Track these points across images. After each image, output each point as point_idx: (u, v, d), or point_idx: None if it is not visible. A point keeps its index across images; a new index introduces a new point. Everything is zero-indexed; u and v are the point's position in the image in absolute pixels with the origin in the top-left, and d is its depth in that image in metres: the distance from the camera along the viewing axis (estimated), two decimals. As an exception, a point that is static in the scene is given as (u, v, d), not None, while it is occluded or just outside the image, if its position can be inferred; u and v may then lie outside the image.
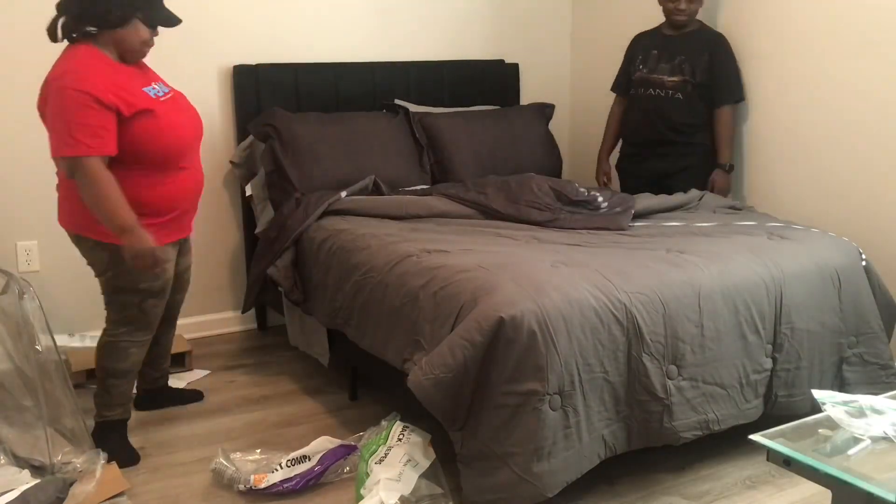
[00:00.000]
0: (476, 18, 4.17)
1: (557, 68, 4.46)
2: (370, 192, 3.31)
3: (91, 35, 2.41)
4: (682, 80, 3.45)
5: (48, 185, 3.34)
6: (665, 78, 3.49)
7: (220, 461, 2.44)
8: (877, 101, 3.04)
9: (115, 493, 2.33)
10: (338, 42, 3.84)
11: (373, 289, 2.59)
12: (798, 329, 2.54)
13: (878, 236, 3.04)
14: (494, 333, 2.11)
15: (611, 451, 2.27)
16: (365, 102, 3.80)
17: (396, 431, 2.42)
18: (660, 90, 3.49)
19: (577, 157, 4.46)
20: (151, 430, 2.81)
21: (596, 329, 2.20)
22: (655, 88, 3.49)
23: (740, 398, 2.45)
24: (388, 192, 3.33)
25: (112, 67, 2.42)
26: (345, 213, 3.09)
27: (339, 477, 2.46)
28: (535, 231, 2.89)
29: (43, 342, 2.42)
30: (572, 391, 2.16)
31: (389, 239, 2.73)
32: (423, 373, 2.18)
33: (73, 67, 2.35)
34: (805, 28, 3.27)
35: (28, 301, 2.35)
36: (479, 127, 3.78)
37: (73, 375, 3.11)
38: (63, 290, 3.43)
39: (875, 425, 1.71)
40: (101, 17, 2.38)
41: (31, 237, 3.37)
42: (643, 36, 3.67)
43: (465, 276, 2.31)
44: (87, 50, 2.40)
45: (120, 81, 2.41)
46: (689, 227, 2.92)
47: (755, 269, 2.50)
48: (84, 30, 2.40)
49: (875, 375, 2.72)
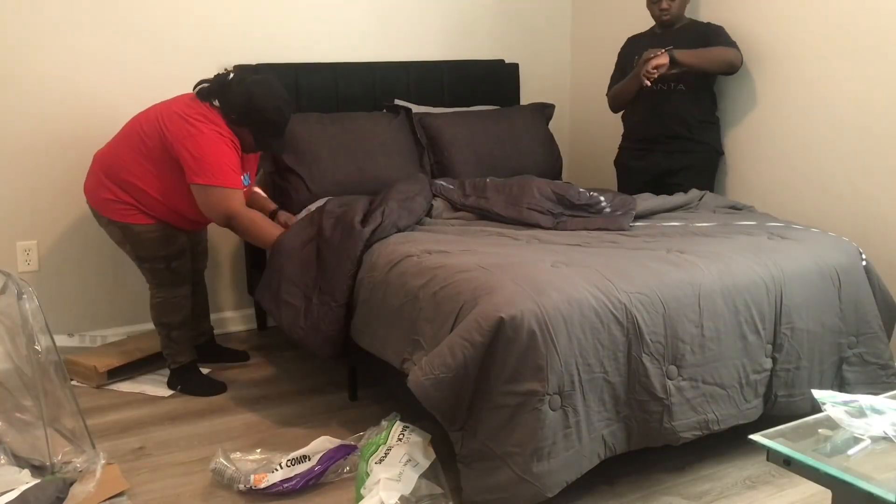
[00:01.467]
0: (476, 18, 4.17)
1: (557, 68, 4.46)
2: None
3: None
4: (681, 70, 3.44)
5: (48, 185, 3.37)
6: None
7: (220, 461, 2.44)
8: (877, 100, 3.04)
9: (115, 493, 2.33)
10: (338, 42, 3.84)
11: (373, 288, 2.59)
12: (798, 329, 2.54)
13: (878, 236, 3.04)
14: (494, 333, 2.11)
15: (611, 451, 2.27)
16: (365, 102, 3.80)
17: (396, 431, 2.42)
18: (662, 84, 3.48)
19: (577, 157, 4.46)
20: (151, 430, 2.81)
21: (596, 329, 2.20)
22: (658, 83, 3.49)
23: (740, 398, 2.45)
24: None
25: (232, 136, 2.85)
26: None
27: (339, 477, 2.46)
28: (536, 231, 2.89)
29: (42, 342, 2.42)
30: (572, 391, 2.16)
31: (391, 239, 2.73)
32: (423, 373, 2.18)
33: (209, 118, 2.79)
34: (805, 28, 3.27)
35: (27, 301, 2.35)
36: (479, 127, 3.77)
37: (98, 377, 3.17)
38: (62, 290, 3.44)
39: (875, 425, 1.71)
40: (227, 106, 2.81)
41: (31, 237, 3.37)
42: (636, 38, 3.67)
43: (465, 276, 2.31)
44: (219, 116, 2.82)
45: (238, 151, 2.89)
46: (689, 227, 2.92)
47: (755, 269, 2.50)
48: (215, 104, 2.84)
49: (875, 375, 2.72)
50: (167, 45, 3.51)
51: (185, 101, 2.86)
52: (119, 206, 2.89)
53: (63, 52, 3.30)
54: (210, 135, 2.76)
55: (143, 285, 3.54)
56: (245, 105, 2.79)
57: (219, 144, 2.76)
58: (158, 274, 3.00)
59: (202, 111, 2.81)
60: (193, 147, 2.74)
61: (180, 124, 2.77)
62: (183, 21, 3.52)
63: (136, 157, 2.85)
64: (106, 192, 2.91)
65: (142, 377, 3.25)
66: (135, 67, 3.44)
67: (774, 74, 3.41)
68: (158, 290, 3.03)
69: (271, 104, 2.82)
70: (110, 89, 3.41)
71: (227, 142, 2.78)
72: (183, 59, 3.51)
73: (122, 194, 2.89)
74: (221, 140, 2.77)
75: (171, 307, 3.04)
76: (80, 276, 3.48)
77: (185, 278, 3.06)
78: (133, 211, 2.90)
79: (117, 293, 3.56)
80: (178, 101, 2.87)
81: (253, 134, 2.85)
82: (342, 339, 2.74)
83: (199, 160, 2.74)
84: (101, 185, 2.92)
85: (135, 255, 2.99)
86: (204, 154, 2.74)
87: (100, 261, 3.50)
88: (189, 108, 2.81)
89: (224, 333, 3.75)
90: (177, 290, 3.03)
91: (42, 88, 3.29)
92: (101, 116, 3.40)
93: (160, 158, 2.83)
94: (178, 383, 3.11)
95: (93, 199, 2.97)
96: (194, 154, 2.74)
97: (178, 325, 3.06)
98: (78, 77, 3.34)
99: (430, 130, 3.72)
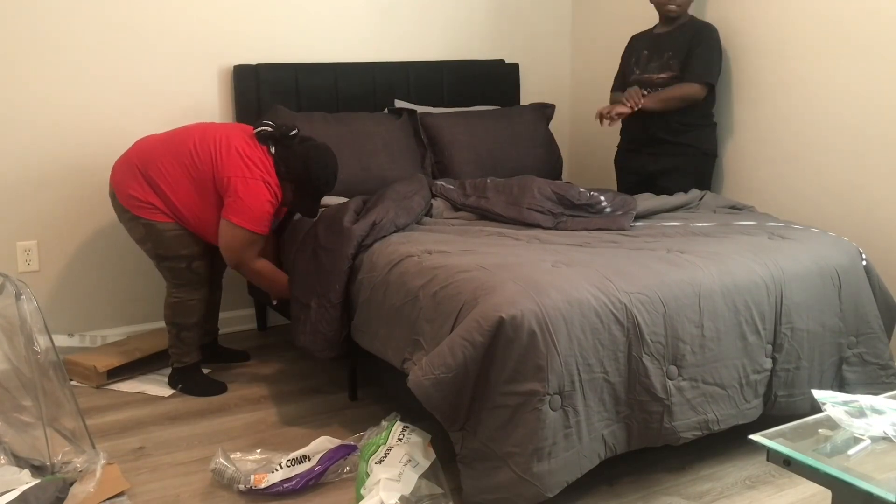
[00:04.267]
0: (476, 18, 4.17)
1: (557, 68, 4.46)
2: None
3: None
4: (670, 76, 3.44)
5: (48, 185, 3.37)
6: (654, 76, 3.49)
7: (220, 461, 2.44)
8: (877, 100, 3.04)
9: (115, 493, 2.33)
10: (338, 42, 3.84)
11: (373, 288, 2.59)
12: (798, 329, 2.54)
13: (878, 236, 3.04)
14: (495, 333, 2.11)
15: (611, 451, 2.27)
16: (365, 102, 3.80)
17: (396, 431, 2.42)
18: (651, 89, 3.48)
19: (577, 157, 4.46)
20: (151, 430, 2.81)
21: (596, 329, 2.20)
22: (647, 88, 3.49)
23: (740, 398, 2.45)
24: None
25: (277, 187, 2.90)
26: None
27: (339, 477, 2.46)
28: (537, 232, 2.89)
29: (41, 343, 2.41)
30: (572, 391, 2.16)
31: (391, 238, 2.73)
32: (423, 373, 2.18)
33: (267, 168, 2.85)
34: (804, 28, 3.27)
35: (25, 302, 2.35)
36: (479, 127, 3.77)
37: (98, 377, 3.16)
38: (63, 290, 3.44)
39: (875, 425, 1.71)
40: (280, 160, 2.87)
41: (31, 237, 3.37)
42: (637, 37, 3.68)
43: (466, 276, 2.31)
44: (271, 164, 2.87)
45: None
46: (689, 227, 2.92)
47: (755, 269, 2.50)
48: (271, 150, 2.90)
49: (875, 375, 2.72)
50: (167, 46, 3.50)
51: (243, 137, 2.89)
52: (145, 205, 2.90)
53: (62, 54, 3.30)
54: (260, 182, 2.81)
55: (144, 286, 3.56)
56: (299, 166, 2.85)
57: (265, 194, 2.82)
58: (178, 273, 2.99)
59: (259, 155, 2.85)
60: (243, 189, 2.79)
61: (238, 163, 2.82)
62: (183, 21, 3.52)
63: (179, 170, 2.87)
64: (134, 186, 2.90)
65: (142, 377, 3.25)
66: (134, 68, 3.44)
67: (774, 74, 3.41)
68: (177, 290, 3.02)
69: (324, 175, 2.88)
70: (110, 90, 3.41)
71: (272, 193, 2.84)
72: (183, 59, 3.51)
73: (151, 195, 2.89)
74: (268, 190, 2.83)
75: (187, 309, 3.03)
76: (80, 276, 3.48)
77: (204, 281, 3.05)
78: (157, 212, 2.90)
79: (117, 293, 3.56)
80: (237, 135, 2.89)
81: (295, 193, 2.90)
82: (341, 339, 2.74)
83: (242, 201, 2.80)
84: (132, 176, 2.91)
85: (155, 253, 2.98)
86: (249, 198, 2.80)
87: (100, 261, 3.50)
88: (248, 147, 2.85)
89: (224, 333, 3.73)
90: (194, 293, 3.03)
91: (42, 89, 3.29)
92: (100, 116, 3.40)
93: (204, 183, 2.86)
94: (179, 382, 3.12)
95: (119, 191, 2.94)
96: (240, 194, 2.79)
97: (189, 327, 3.06)
98: (77, 78, 3.34)
99: (430, 130, 3.72)
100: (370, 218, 2.80)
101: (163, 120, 3.38)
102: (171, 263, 2.98)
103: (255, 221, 2.82)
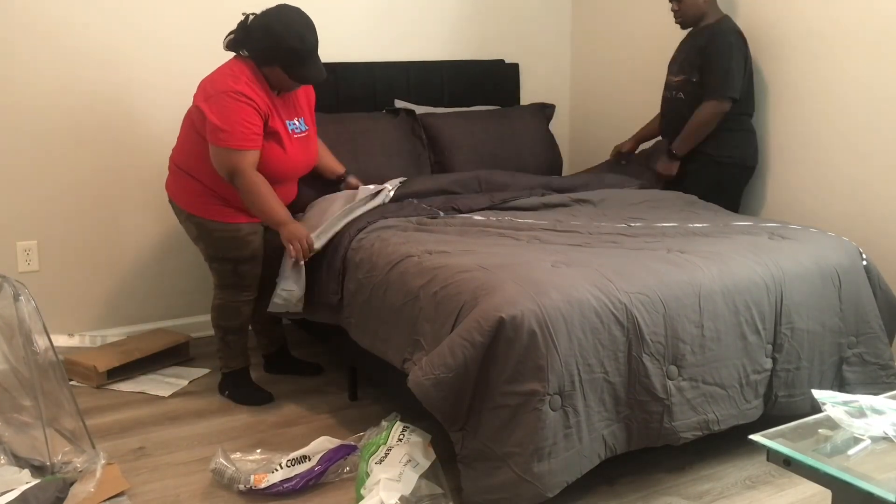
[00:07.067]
0: (476, 18, 4.17)
1: (557, 68, 4.46)
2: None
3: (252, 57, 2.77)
4: (683, 78, 3.43)
5: (48, 184, 3.36)
6: (673, 78, 3.49)
7: (220, 461, 2.44)
8: (877, 100, 3.04)
9: (115, 493, 2.33)
10: (338, 42, 3.83)
11: (374, 288, 2.59)
12: (798, 329, 2.54)
13: (879, 236, 3.04)
14: (495, 333, 2.11)
15: (611, 451, 2.27)
16: (365, 102, 3.80)
17: (396, 431, 2.42)
18: (669, 92, 3.48)
19: (577, 157, 4.46)
20: (151, 430, 2.81)
21: (596, 329, 2.20)
22: (667, 90, 3.47)
23: (740, 398, 2.45)
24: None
25: (264, 86, 2.77)
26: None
27: (339, 477, 2.46)
28: (537, 232, 2.89)
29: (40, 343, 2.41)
30: (572, 391, 2.16)
31: (392, 239, 2.73)
32: (424, 373, 2.18)
33: (233, 74, 2.72)
34: (803, 27, 3.27)
35: (24, 303, 2.34)
36: (479, 127, 3.77)
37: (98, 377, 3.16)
38: (63, 290, 3.44)
39: (875, 425, 1.71)
40: (252, 50, 2.76)
41: (31, 237, 3.37)
42: None
43: (466, 276, 2.31)
44: (247, 65, 2.76)
45: (270, 98, 2.78)
46: (688, 227, 2.92)
47: (755, 269, 2.50)
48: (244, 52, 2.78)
49: (875, 375, 2.72)
50: (167, 46, 3.50)
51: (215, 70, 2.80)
52: (199, 198, 2.84)
53: (61, 53, 3.30)
54: (224, 97, 2.67)
55: (144, 286, 3.56)
56: (265, 41, 2.70)
57: (231, 104, 2.66)
58: (223, 275, 2.93)
59: (228, 67, 2.75)
60: (208, 109, 2.68)
61: (201, 90, 2.76)
62: (183, 21, 3.52)
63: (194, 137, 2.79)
64: (176, 181, 2.91)
65: (142, 377, 3.25)
66: (134, 68, 3.44)
67: (773, 75, 3.41)
68: (221, 291, 2.96)
69: (291, 32, 2.70)
70: (110, 90, 3.40)
71: (244, 99, 2.67)
72: (183, 60, 3.50)
73: (188, 181, 2.85)
74: (235, 100, 2.67)
75: (231, 311, 2.97)
76: (80, 276, 3.48)
77: (251, 284, 2.96)
78: (211, 203, 2.83)
79: (117, 293, 3.56)
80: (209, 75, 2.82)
81: (284, 69, 2.74)
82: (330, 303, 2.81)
83: (212, 123, 2.67)
84: (172, 173, 2.93)
85: (206, 252, 2.94)
86: (214, 115, 2.67)
87: (100, 261, 3.50)
88: (215, 72, 2.77)
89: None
90: (239, 295, 2.95)
91: (41, 89, 3.29)
92: (101, 116, 3.40)
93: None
94: (227, 389, 3.07)
95: (171, 192, 2.95)
96: (209, 117, 2.68)
97: (235, 330, 3.00)
98: (77, 77, 3.34)
99: (430, 130, 3.72)
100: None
101: (163, 119, 3.38)
102: (219, 264, 2.93)
103: (235, 138, 2.66)
